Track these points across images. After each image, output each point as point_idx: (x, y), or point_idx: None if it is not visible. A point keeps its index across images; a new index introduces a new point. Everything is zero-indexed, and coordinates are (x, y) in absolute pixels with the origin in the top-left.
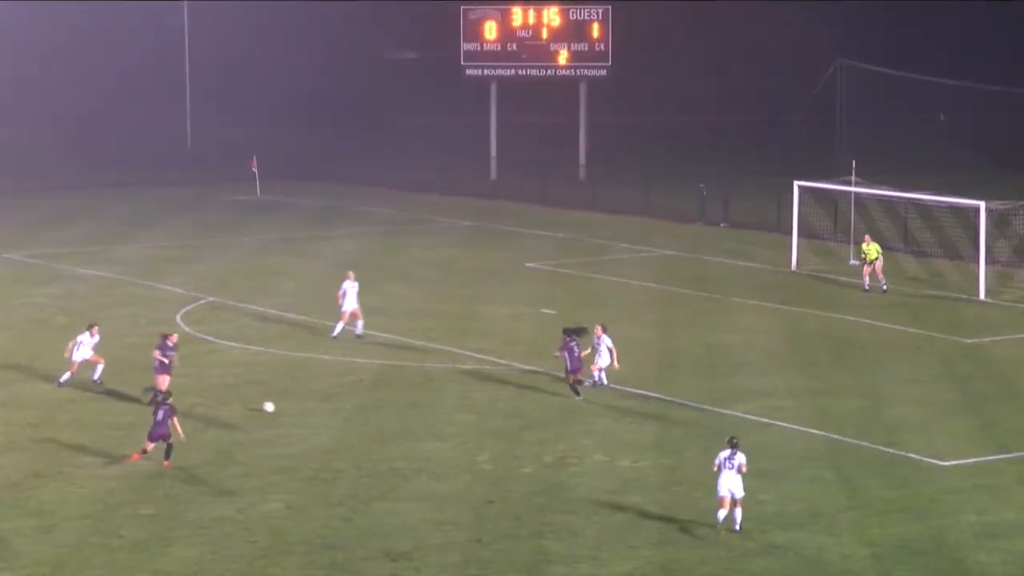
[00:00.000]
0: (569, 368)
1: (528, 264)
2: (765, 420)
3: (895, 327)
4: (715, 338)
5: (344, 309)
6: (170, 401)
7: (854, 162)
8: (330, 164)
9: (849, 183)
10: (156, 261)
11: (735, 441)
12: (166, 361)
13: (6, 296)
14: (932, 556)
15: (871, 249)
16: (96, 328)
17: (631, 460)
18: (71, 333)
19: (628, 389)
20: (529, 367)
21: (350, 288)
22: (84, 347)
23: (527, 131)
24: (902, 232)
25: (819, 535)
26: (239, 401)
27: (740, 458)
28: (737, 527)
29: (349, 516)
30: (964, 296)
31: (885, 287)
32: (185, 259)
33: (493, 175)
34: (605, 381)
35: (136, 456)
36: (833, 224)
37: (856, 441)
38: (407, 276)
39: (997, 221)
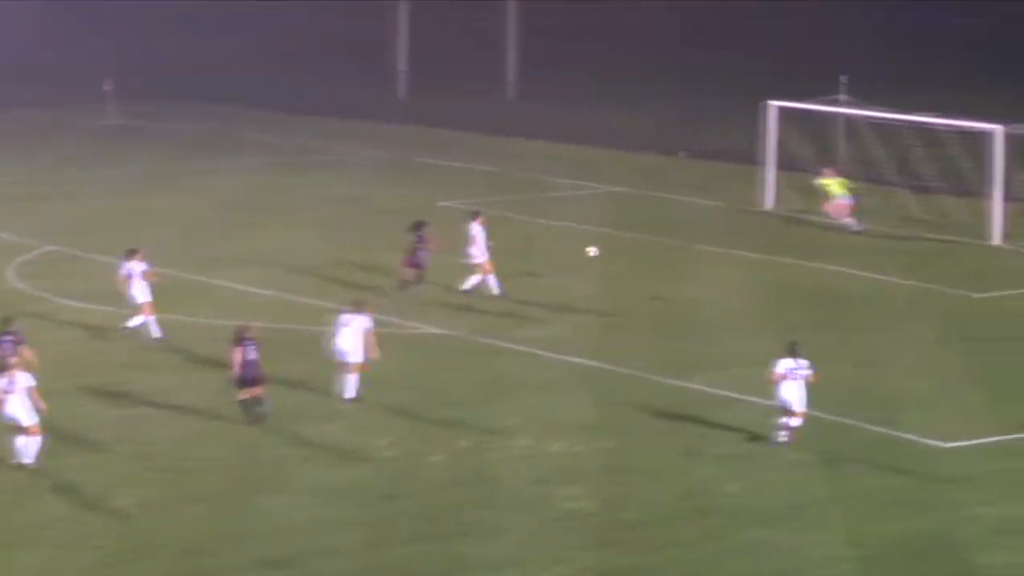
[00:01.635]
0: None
1: (442, 203)
2: (734, 394)
3: (891, 279)
4: (674, 294)
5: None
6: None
7: (843, 78)
8: (203, 80)
9: (837, 103)
10: None
11: (796, 348)
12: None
13: None
14: (934, 557)
15: (833, 184)
16: (141, 254)
17: (565, 444)
18: None
19: (563, 357)
20: (442, 330)
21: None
22: (138, 280)
23: (443, 37)
24: (901, 164)
25: (799, 533)
26: (82, 374)
27: (804, 369)
28: (788, 438)
29: (218, 515)
30: (975, 240)
31: (857, 227)
32: (24, 198)
33: (402, 94)
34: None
35: None
36: (817, 154)
37: (844, 419)
38: (298, 219)
39: (1019, 149)
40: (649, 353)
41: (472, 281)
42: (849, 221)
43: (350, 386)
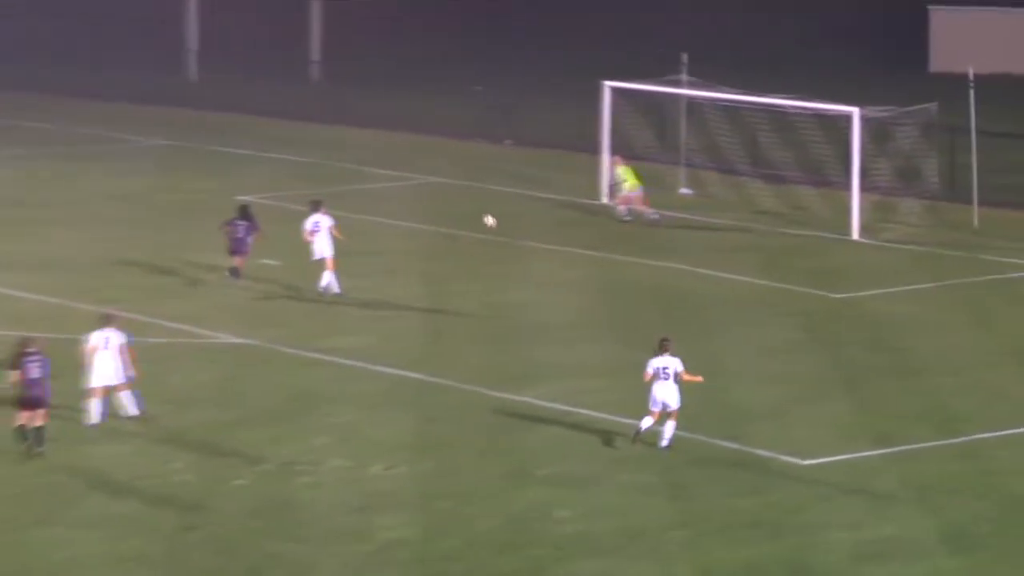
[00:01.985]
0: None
1: (239, 197)
2: (567, 407)
3: (742, 278)
4: (502, 296)
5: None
6: None
7: (685, 56)
8: None
9: (679, 84)
10: None
11: (667, 344)
12: None
13: None
14: None
15: (628, 175)
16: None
17: (383, 465)
18: None
19: (379, 368)
20: (243, 339)
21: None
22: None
23: (239, 12)
24: (750, 149)
25: (639, 562)
26: None
27: (675, 364)
28: (666, 443)
29: None
30: (833, 235)
31: (655, 217)
32: None
33: (193, 75)
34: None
35: None
36: (658, 140)
37: (690, 434)
38: (78, 216)
39: (876, 134)
40: (474, 363)
41: (327, 280)
42: (647, 211)
43: (128, 404)
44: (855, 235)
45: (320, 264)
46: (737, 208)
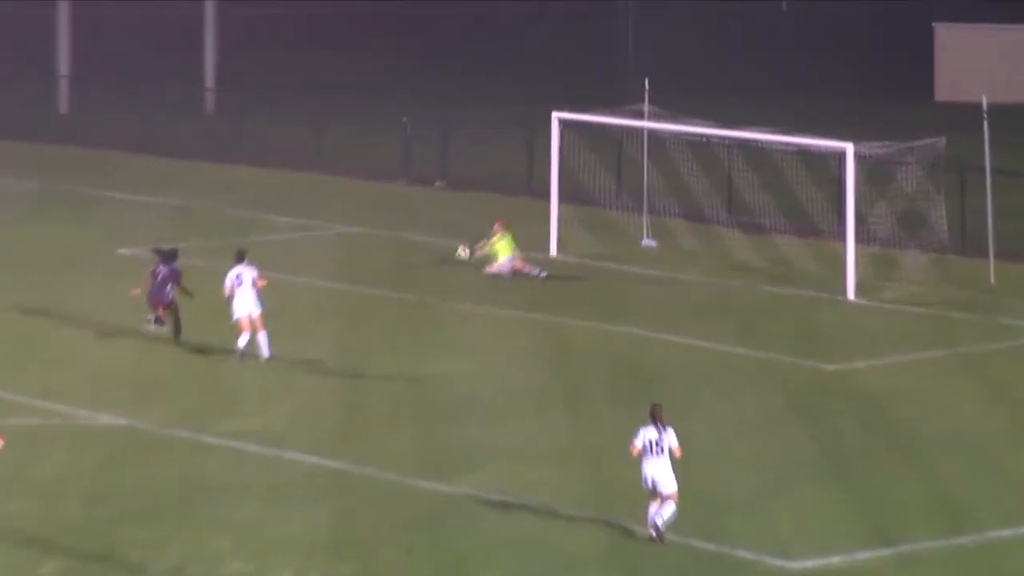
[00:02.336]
0: None
1: (122, 250)
2: (509, 499)
3: (716, 345)
4: (430, 366)
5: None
6: None
7: (647, 81)
8: None
9: (641, 115)
10: None
11: (658, 412)
12: None
13: None
14: None
15: (501, 245)
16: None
17: (291, 570)
18: None
19: (287, 454)
20: (127, 420)
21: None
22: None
23: (119, 31)
24: (724, 192)
25: None
26: None
27: (669, 437)
28: (656, 530)
29: None
30: (823, 294)
31: (541, 272)
32: None
33: (63, 107)
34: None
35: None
36: (616, 180)
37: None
38: None
39: (873, 174)
40: (399, 447)
41: (244, 343)
42: (531, 270)
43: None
44: (849, 294)
45: (240, 324)
46: (709, 262)
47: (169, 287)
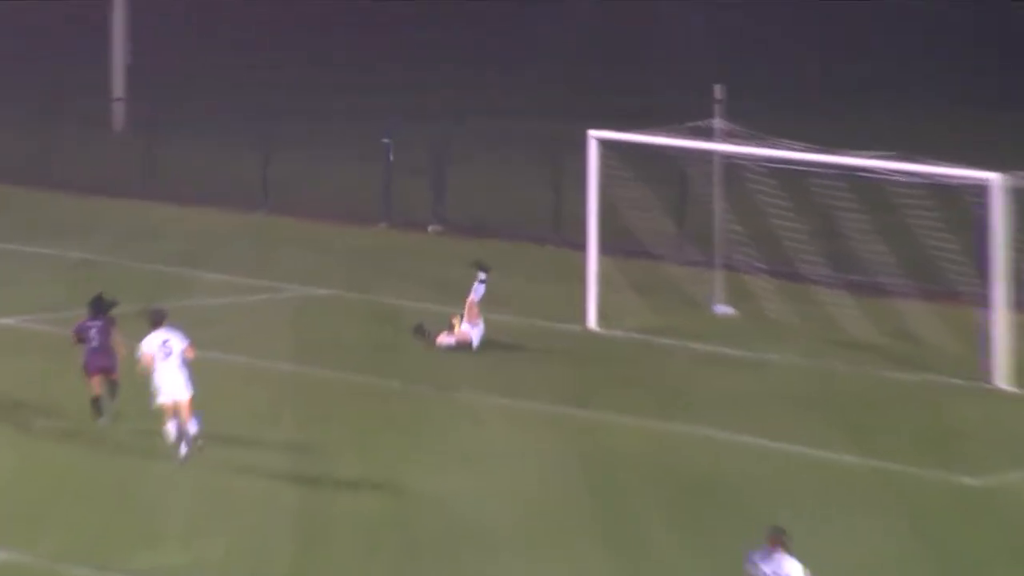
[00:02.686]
0: None
1: (3, 320)
2: None
3: (816, 453)
4: (417, 480)
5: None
6: None
7: (719, 89)
8: None
9: (710, 135)
10: None
11: (780, 538)
12: None
13: None
14: None
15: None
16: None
17: None
18: None
19: None
20: (10, 552)
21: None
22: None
23: (13, 42)
24: (825, 240)
25: None
26: None
27: (795, 569)
28: None
29: None
30: (963, 381)
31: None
32: None
33: None
34: None
35: None
36: (677, 223)
37: None
38: None
39: None
40: None
41: (175, 433)
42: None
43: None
44: (998, 380)
45: (165, 409)
46: (807, 336)
47: (110, 346)
